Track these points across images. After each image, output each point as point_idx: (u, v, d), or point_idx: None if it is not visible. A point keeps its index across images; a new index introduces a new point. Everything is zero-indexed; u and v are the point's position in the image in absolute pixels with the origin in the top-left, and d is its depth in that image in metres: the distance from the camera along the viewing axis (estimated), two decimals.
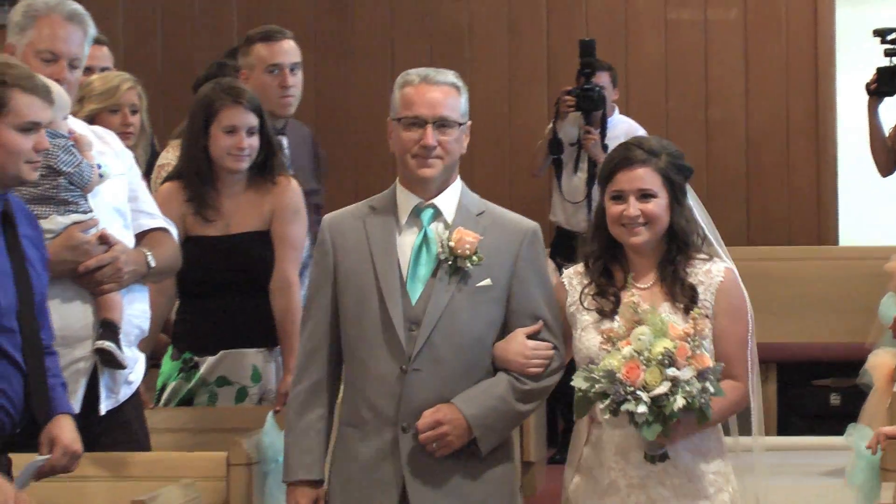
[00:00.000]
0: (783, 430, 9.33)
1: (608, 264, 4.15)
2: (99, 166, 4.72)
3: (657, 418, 3.83)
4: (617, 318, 4.00)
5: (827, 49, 10.00)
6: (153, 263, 4.74)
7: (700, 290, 4.08)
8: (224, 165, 5.43)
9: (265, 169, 5.54)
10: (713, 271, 4.11)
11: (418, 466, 4.03)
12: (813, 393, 9.76)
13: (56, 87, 4.47)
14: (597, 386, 3.86)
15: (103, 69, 6.16)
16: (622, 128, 8.86)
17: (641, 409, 3.82)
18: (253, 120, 5.49)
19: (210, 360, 5.45)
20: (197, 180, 5.45)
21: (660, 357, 3.84)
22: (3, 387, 3.97)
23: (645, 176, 4.09)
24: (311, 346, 4.13)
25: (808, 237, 10.09)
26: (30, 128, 4.00)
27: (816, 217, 10.17)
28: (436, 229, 4.08)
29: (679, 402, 3.82)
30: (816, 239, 10.07)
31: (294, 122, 6.69)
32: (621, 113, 9.12)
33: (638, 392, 3.82)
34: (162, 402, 5.40)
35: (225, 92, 5.48)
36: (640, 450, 4.00)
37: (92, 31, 4.93)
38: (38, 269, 4.09)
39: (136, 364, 4.74)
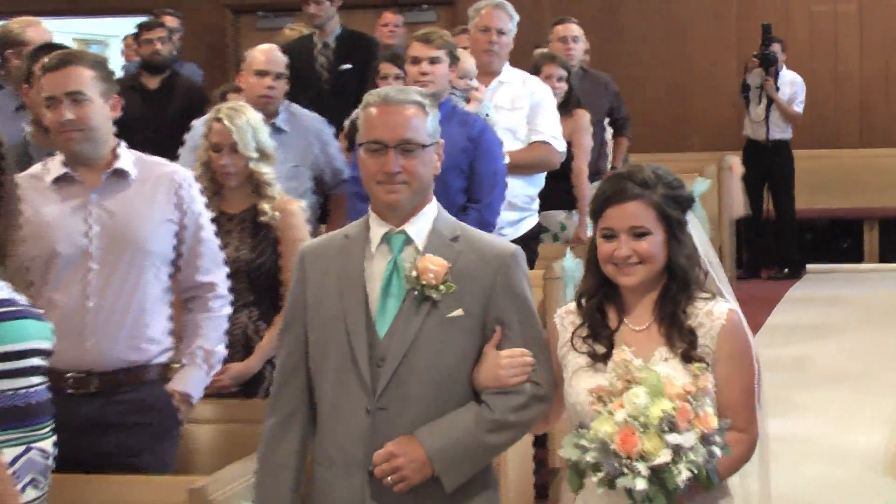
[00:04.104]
0: (882, 259, 11.78)
1: (602, 304, 3.39)
2: (486, 115, 5.82)
3: (659, 492, 3.10)
4: (608, 370, 3.26)
5: None
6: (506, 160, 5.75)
7: (700, 332, 3.29)
8: None
9: (567, 105, 7.19)
10: (715, 312, 3.30)
11: None
12: None
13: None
14: (587, 455, 3.14)
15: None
16: (788, 77, 11.20)
17: (640, 484, 3.07)
18: (561, 72, 7.26)
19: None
20: None
21: (658, 422, 3.08)
22: None
23: (637, 212, 3.30)
24: (284, 375, 3.50)
25: None
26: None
27: None
28: (406, 257, 3.41)
29: (683, 474, 3.07)
30: None
31: (593, 73, 8.49)
32: (788, 69, 11.16)
33: (635, 464, 3.07)
34: None
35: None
36: None
37: (515, 15, 6.37)
38: None
39: None
